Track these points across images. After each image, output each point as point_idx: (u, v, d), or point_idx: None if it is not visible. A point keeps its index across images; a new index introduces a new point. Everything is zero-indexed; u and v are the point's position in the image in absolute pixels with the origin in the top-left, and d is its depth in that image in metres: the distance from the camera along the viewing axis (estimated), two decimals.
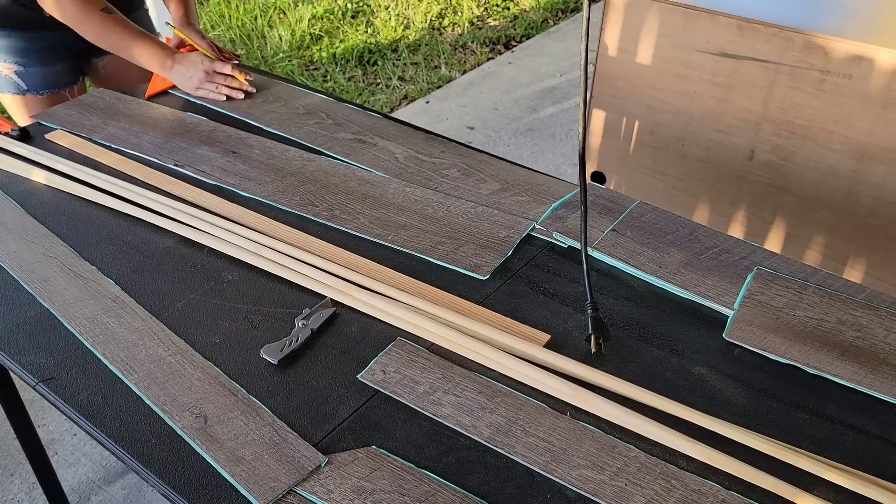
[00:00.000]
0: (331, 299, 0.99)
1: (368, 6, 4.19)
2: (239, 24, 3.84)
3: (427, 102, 3.37)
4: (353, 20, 4.05)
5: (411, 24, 4.03)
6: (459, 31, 4.03)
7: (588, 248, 1.01)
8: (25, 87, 1.53)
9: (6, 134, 1.34)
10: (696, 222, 1.13)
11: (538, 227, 1.12)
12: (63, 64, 1.56)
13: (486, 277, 1.03)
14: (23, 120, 1.56)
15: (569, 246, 1.09)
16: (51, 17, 1.39)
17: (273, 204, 1.17)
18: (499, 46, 3.93)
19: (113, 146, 1.32)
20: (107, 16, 1.39)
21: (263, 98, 1.50)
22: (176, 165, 1.26)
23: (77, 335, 0.93)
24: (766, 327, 0.94)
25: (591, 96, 1.73)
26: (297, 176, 1.24)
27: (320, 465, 0.78)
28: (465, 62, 3.73)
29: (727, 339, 0.93)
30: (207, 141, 1.33)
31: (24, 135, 1.34)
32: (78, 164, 1.24)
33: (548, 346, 0.92)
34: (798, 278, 1.02)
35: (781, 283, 1.01)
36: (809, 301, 0.98)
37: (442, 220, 1.14)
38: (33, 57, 1.51)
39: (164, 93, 1.50)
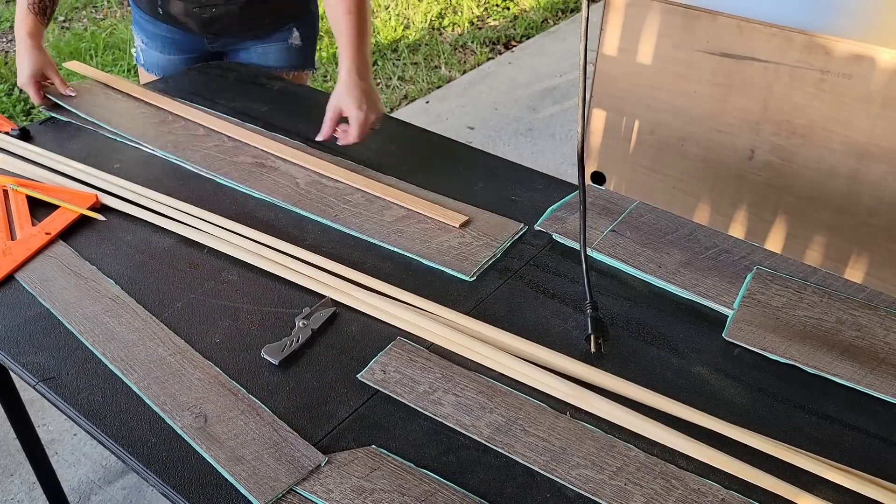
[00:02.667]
0: (331, 299, 0.99)
1: None
2: None
3: (427, 102, 3.37)
4: None
5: (411, 24, 4.03)
6: (459, 31, 4.03)
7: (588, 249, 1.01)
8: (143, 62, 1.67)
9: (6, 133, 1.34)
10: (695, 222, 1.13)
11: (538, 227, 1.12)
12: (175, 58, 1.65)
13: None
14: None
15: (569, 246, 1.09)
16: (166, 13, 1.53)
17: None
18: (499, 46, 3.93)
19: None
20: None
21: (162, 118, 1.39)
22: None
23: (77, 335, 0.93)
24: (766, 327, 0.94)
25: (590, 96, 1.73)
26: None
27: (320, 465, 0.78)
28: (465, 62, 3.73)
29: (727, 338, 0.94)
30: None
31: (23, 134, 1.34)
32: (78, 164, 1.24)
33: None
34: (798, 278, 1.02)
35: (781, 282, 1.01)
36: (809, 301, 0.98)
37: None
38: (153, 41, 1.62)
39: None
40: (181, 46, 1.63)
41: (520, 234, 1.11)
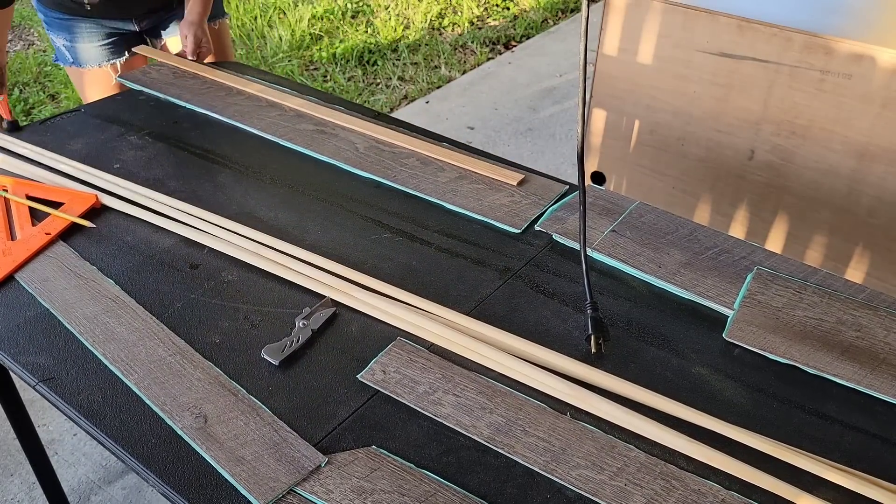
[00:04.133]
0: (331, 299, 0.99)
1: (368, 6, 4.19)
2: (239, 24, 3.84)
3: (427, 102, 3.37)
4: (353, 20, 4.05)
5: (411, 24, 4.03)
6: (459, 31, 4.03)
7: (588, 249, 1.01)
8: (72, 60, 1.73)
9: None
10: (695, 222, 1.13)
11: (538, 227, 1.12)
12: (106, 41, 1.72)
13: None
14: (78, 87, 1.79)
15: (569, 246, 1.09)
16: (91, 6, 1.61)
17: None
18: (499, 46, 3.93)
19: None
20: None
21: (227, 91, 1.51)
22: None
23: (77, 335, 0.93)
24: (766, 327, 0.94)
25: (590, 96, 1.73)
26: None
27: (320, 465, 0.78)
28: (465, 62, 3.73)
29: (727, 339, 0.93)
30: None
31: (13, 127, 1.34)
32: (78, 164, 1.24)
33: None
34: (798, 278, 1.02)
35: (781, 282, 1.01)
36: (809, 301, 0.98)
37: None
38: (78, 36, 1.69)
39: None
40: (112, 31, 1.70)
41: (565, 194, 1.20)
